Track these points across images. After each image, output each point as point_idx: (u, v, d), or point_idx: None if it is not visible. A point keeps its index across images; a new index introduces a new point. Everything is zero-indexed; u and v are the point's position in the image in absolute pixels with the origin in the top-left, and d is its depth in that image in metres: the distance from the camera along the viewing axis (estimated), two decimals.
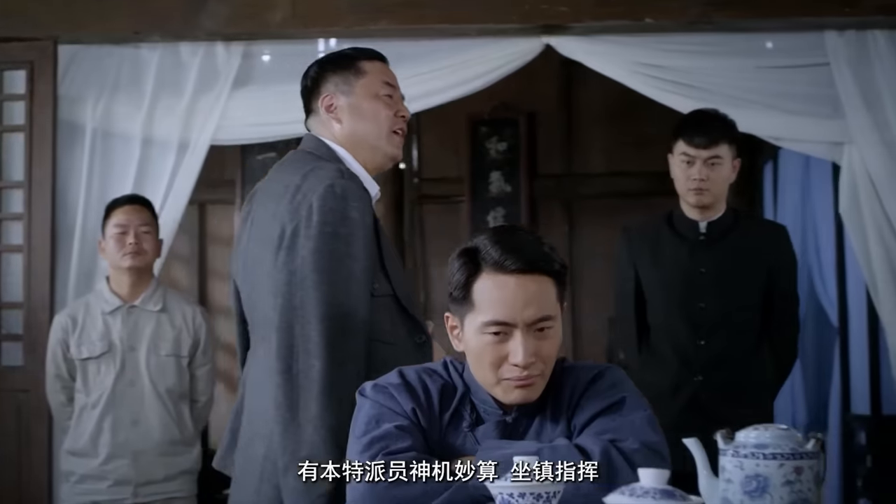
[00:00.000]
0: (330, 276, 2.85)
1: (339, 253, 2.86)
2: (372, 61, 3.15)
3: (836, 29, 5.04)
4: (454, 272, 2.47)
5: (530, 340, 2.40)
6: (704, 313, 4.17)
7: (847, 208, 5.07)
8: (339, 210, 2.87)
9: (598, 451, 2.33)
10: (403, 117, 3.12)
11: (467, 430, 2.52)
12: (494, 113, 7.86)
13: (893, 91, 4.99)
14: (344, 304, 2.85)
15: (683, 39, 5.11)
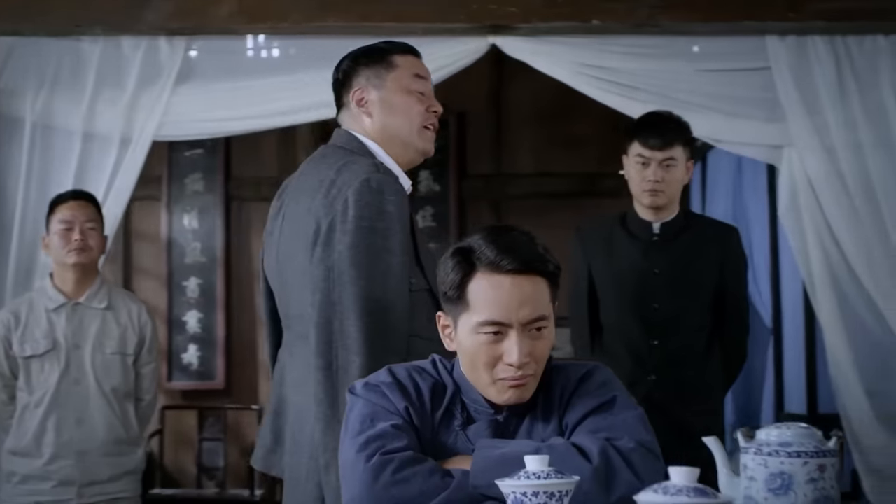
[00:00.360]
0: (367, 270, 2.82)
1: (377, 247, 2.82)
2: (404, 55, 3.12)
3: (777, 34, 5.12)
4: (448, 272, 2.47)
5: (525, 340, 2.41)
6: (658, 313, 4.21)
7: (786, 211, 5.15)
8: (375, 204, 2.83)
9: (596, 451, 2.35)
10: (435, 112, 3.10)
11: (459, 428, 2.52)
12: None
13: (832, 96, 5.08)
14: (382, 298, 2.82)
15: (629, 41, 5.15)
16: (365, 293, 2.81)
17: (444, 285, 2.48)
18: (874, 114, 5.10)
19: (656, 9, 5.03)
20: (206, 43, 5.20)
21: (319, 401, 2.86)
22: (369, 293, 2.81)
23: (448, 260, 2.49)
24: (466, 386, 2.52)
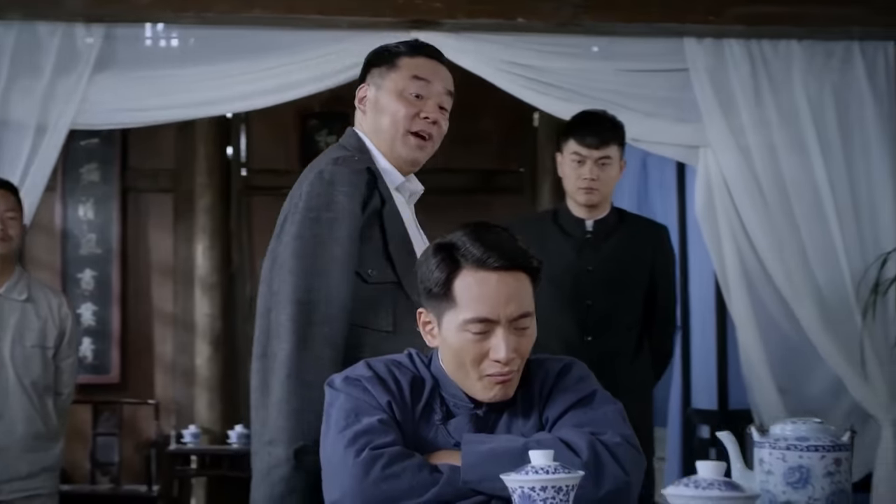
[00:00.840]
0: (308, 260, 2.79)
1: (321, 237, 2.80)
2: (413, 57, 3.03)
3: (695, 36, 5.21)
4: (432, 269, 2.46)
5: (511, 336, 2.41)
6: (591, 310, 4.25)
7: (702, 210, 5.25)
8: (325, 195, 2.81)
9: (584, 445, 2.36)
10: (426, 119, 2.99)
11: (439, 423, 2.51)
12: (325, 106, 7.81)
13: (748, 98, 5.20)
14: (320, 289, 2.78)
15: (552, 40, 5.19)
16: (301, 283, 2.78)
17: (427, 282, 2.46)
18: (787, 116, 5.23)
19: (580, 9, 5.08)
20: (126, 31, 5.09)
21: (254, 388, 2.84)
22: (306, 283, 2.78)
23: (430, 257, 2.47)
24: (445, 380, 2.51)
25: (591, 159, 4.24)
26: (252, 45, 5.08)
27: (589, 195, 4.27)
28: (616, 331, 4.25)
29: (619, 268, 4.29)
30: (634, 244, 4.33)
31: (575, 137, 4.27)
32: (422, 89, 2.98)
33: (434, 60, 3.04)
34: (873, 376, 5.09)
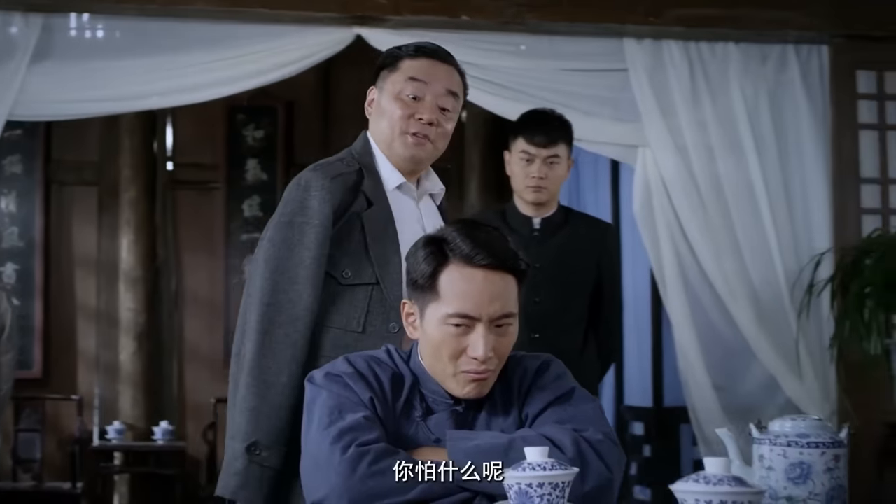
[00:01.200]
0: (278, 263, 2.87)
1: (292, 241, 2.87)
2: (415, 59, 3.03)
3: (634, 37, 5.26)
4: (420, 261, 2.46)
5: (490, 336, 2.41)
6: (539, 307, 4.26)
7: (640, 209, 5.30)
8: (298, 200, 2.90)
9: (568, 442, 2.37)
10: (420, 120, 2.98)
11: (420, 419, 2.50)
12: (253, 100, 7.75)
13: (686, 99, 5.27)
14: (287, 291, 2.86)
15: (495, 39, 5.22)
16: (269, 285, 2.87)
17: (414, 274, 2.47)
18: (724, 117, 5.32)
19: (524, 7, 5.11)
20: (64, 21, 5.01)
21: (229, 385, 2.93)
22: (274, 285, 2.86)
23: (420, 249, 2.48)
24: (425, 376, 2.51)
25: (539, 158, 4.26)
26: (194, 38, 5.04)
27: (537, 193, 4.29)
28: (563, 328, 4.27)
29: (567, 265, 4.31)
30: (581, 242, 4.36)
31: (524, 136, 4.28)
32: (418, 91, 2.98)
33: (436, 62, 3.03)
34: (807, 375, 5.19)
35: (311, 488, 2.37)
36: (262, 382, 2.82)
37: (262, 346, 2.84)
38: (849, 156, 5.37)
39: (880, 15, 5.34)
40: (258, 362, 2.83)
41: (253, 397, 2.82)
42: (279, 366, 2.83)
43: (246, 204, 7.81)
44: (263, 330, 2.85)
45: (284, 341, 2.85)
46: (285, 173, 7.90)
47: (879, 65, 5.45)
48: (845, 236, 5.28)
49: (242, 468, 2.81)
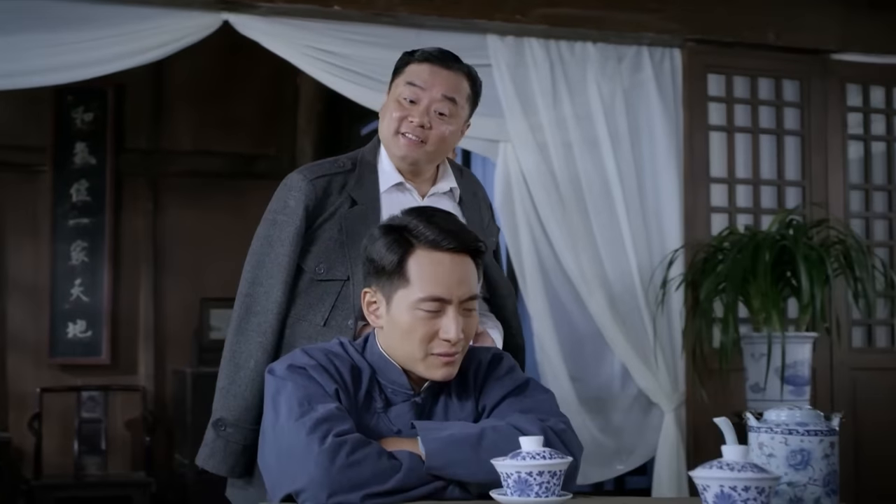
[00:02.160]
0: (259, 257, 3.11)
1: (272, 238, 3.10)
2: (419, 63, 3.17)
3: (498, 34, 5.35)
4: (383, 249, 2.49)
5: (459, 318, 2.46)
6: None
7: (501, 203, 5.39)
8: (281, 199, 3.12)
9: (537, 431, 2.44)
10: (412, 122, 3.11)
11: (381, 411, 2.53)
12: (83, 82, 7.51)
13: (546, 96, 5.38)
14: (263, 283, 3.09)
15: (364, 30, 5.21)
16: (249, 277, 3.11)
17: (378, 262, 2.49)
18: (582, 115, 5.45)
19: (395, 0, 5.12)
20: None
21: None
22: (253, 277, 3.11)
23: (381, 238, 2.51)
24: (383, 367, 2.54)
25: None
26: (61, 18, 4.89)
27: None
28: None
29: None
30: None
31: None
32: (415, 95, 3.12)
33: (439, 67, 3.16)
34: (658, 367, 5.37)
35: (283, 479, 2.36)
36: (233, 365, 3.07)
37: (237, 332, 3.09)
38: (699, 156, 5.58)
39: (730, 22, 5.57)
40: (233, 347, 3.08)
41: (224, 377, 3.08)
42: (249, 351, 3.06)
43: (74, 188, 7.60)
44: (240, 317, 3.09)
45: (256, 329, 3.07)
46: (114, 157, 7.71)
47: (729, 69, 5.68)
48: (695, 233, 5.49)
49: (211, 441, 3.08)
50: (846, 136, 5.83)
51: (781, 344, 4.89)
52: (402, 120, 3.11)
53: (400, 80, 3.17)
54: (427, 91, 3.12)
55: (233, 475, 3.12)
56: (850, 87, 5.88)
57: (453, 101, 3.14)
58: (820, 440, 2.07)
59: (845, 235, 5.25)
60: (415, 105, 3.11)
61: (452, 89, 3.15)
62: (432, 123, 3.10)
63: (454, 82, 3.16)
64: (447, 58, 3.18)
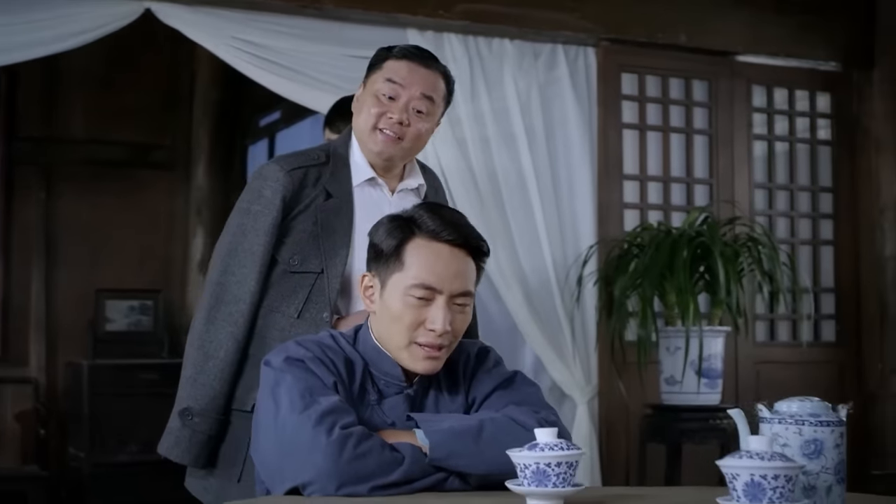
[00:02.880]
0: (232, 246, 3.11)
1: (245, 227, 3.10)
2: (398, 60, 3.14)
3: (418, 28, 5.38)
4: (385, 234, 2.52)
5: (449, 311, 2.49)
6: None
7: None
8: (256, 189, 3.11)
9: (533, 423, 2.48)
10: (391, 119, 3.10)
11: (375, 403, 2.54)
12: None
13: (465, 92, 5.43)
14: (235, 273, 3.09)
15: (287, 22, 5.20)
16: (221, 265, 3.11)
17: (378, 245, 2.52)
18: (499, 111, 5.52)
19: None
20: None
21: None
22: (225, 266, 3.10)
23: (385, 224, 2.54)
24: (376, 358, 2.55)
25: None
26: None
27: None
28: None
29: None
30: None
31: (330, 126, 4.33)
32: (394, 92, 3.11)
33: (417, 65, 3.15)
34: (572, 360, 5.46)
35: (286, 472, 2.35)
36: (202, 354, 3.06)
37: (207, 320, 3.08)
38: (613, 153, 5.69)
39: (644, 23, 5.69)
40: (202, 335, 3.08)
41: (192, 366, 3.07)
42: (219, 340, 3.06)
43: None
44: (210, 306, 3.09)
45: (227, 319, 3.07)
46: (6, 145, 7.53)
47: (641, 69, 5.81)
48: (608, 229, 5.60)
49: (176, 430, 3.08)
50: (751, 135, 6.01)
51: (699, 338, 5.02)
52: (381, 116, 3.11)
53: (378, 75, 3.15)
54: (406, 89, 3.12)
55: (196, 465, 3.12)
56: (755, 89, 6.06)
57: (431, 99, 3.15)
58: (832, 430, 2.15)
59: (757, 233, 5.40)
60: (393, 101, 3.11)
61: (430, 88, 3.15)
62: (410, 121, 3.12)
63: (432, 81, 3.16)
64: (425, 56, 3.18)
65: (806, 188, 6.21)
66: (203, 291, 3.14)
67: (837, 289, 6.20)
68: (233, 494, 3.00)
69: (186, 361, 3.10)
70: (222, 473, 3.10)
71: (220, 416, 3.06)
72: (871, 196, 6.19)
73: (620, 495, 2.41)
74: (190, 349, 3.10)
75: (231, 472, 3.08)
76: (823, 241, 6.23)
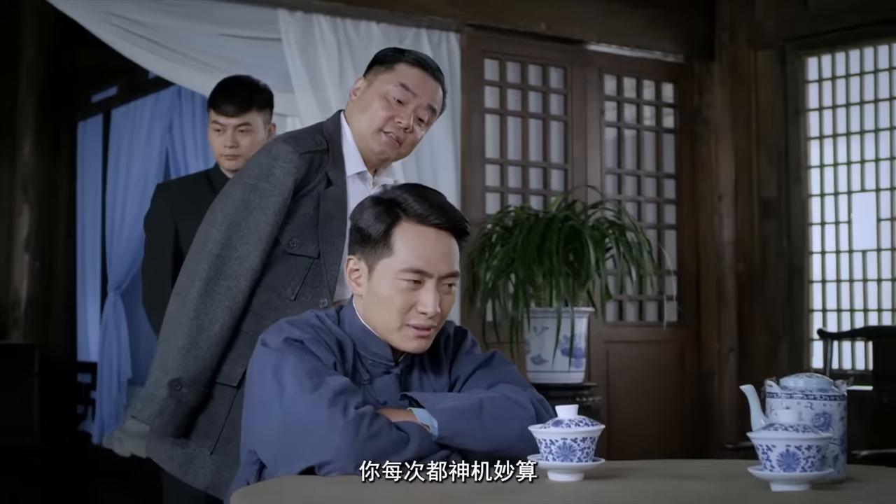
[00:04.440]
0: (235, 220, 3.08)
1: (251, 204, 3.08)
2: (411, 66, 3.15)
3: (287, 8, 5.38)
4: (371, 218, 2.54)
5: (438, 293, 2.54)
6: None
7: None
8: (266, 166, 3.09)
9: (526, 401, 2.57)
10: (398, 123, 3.12)
11: (367, 383, 2.58)
12: None
13: (333, 74, 5.46)
14: (237, 248, 3.08)
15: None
16: (223, 238, 3.08)
17: (365, 230, 2.54)
18: None
19: None
20: None
21: (165, 319, 3.17)
22: (227, 239, 3.08)
23: (370, 208, 2.56)
24: (364, 338, 2.57)
25: (230, 127, 4.27)
26: None
27: (232, 161, 4.29)
28: None
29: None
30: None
31: (214, 107, 4.29)
32: (404, 97, 3.13)
33: (428, 76, 3.17)
34: None
35: (302, 452, 2.35)
36: (197, 326, 3.04)
37: (204, 293, 3.05)
38: (476, 138, 5.81)
39: (507, 10, 5.83)
40: (198, 307, 3.05)
41: (185, 337, 3.04)
42: (215, 314, 3.05)
43: None
44: (208, 278, 3.06)
45: (226, 293, 3.06)
46: None
47: (502, 55, 5.94)
48: (471, 212, 5.71)
49: (162, 399, 3.04)
50: (603, 123, 6.22)
51: (571, 318, 5.18)
52: (390, 120, 3.13)
53: (389, 76, 3.15)
54: (416, 97, 3.15)
55: (176, 435, 3.10)
56: (606, 77, 6.27)
57: (433, 110, 3.20)
58: (838, 403, 2.31)
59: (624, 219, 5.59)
60: (402, 106, 3.13)
61: (435, 99, 3.20)
62: (413, 127, 3.17)
63: (437, 93, 3.21)
64: (434, 67, 3.22)
65: (652, 174, 6.47)
66: (194, 261, 3.11)
67: (680, 272, 6.48)
68: (206, 464, 3.08)
69: (177, 331, 3.07)
70: (195, 444, 3.11)
71: (206, 388, 3.06)
72: (710, 183, 6.50)
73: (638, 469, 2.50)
74: (184, 319, 3.06)
75: (205, 443, 3.09)
76: (668, 225, 6.50)
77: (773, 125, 6.35)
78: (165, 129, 7.06)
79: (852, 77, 6.22)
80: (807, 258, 6.33)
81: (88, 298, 8.16)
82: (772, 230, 6.36)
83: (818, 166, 6.33)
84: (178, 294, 3.13)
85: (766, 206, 6.39)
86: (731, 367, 6.36)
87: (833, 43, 6.22)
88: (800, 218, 6.32)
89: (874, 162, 6.12)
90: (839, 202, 6.26)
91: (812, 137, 6.35)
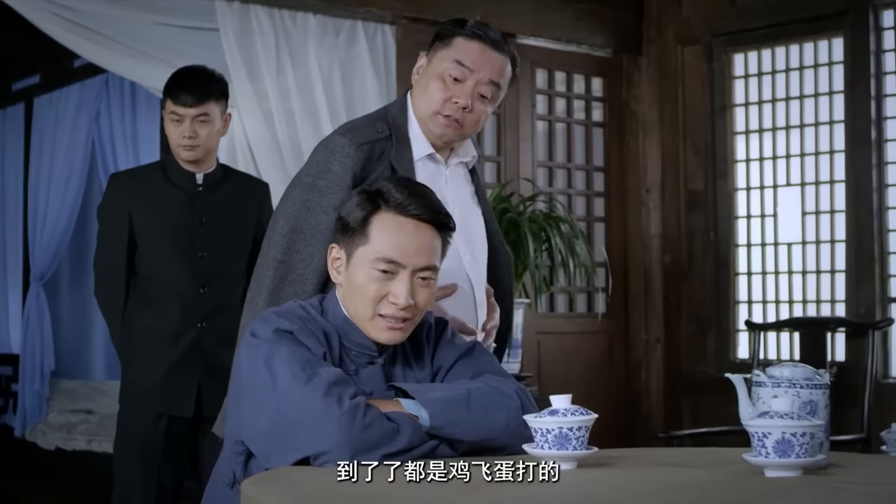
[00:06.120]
0: (296, 222, 2.98)
1: (311, 203, 2.98)
2: (469, 39, 3.01)
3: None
4: (353, 206, 2.58)
5: (412, 285, 2.56)
6: (205, 262, 4.30)
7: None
8: (323, 162, 2.99)
9: (511, 391, 2.61)
10: (456, 104, 3.00)
11: (353, 373, 2.59)
12: None
13: (271, 65, 5.47)
14: (301, 251, 2.98)
15: None
16: (286, 242, 2.98)
17: (346, 218, 2.58)
18: (304, 85, 5.57)
19: None
20: None
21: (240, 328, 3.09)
22: (290, 243, 2.98)
23: (354, 197, 2.60)
24: (348, 329, 2.59)
25: (188, 117, 4.26)
26: None
27: (190, 152, 4.29)
28: (228, 282, 4.33)
29: (229, 220, 4.36)
30: (242, 198, 4.43)
31: (170, 97, 4.28)
32: (461, 74, 3.01)
33: (488, 48, 3.04)
34: None
35: (297, 443, 2.37)
36: None
37: (270, 301, 2.94)
38: None
39: (441, 2, 5.84)
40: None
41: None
42: None
43: None
44: (273, 285, 2.97)
45: (292, 298, 2.87)
46: None
47: None
48: None
49: None
50: (535, 116, 6.28)
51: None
52: (447, 101, 3.01)
53: (446, 53, 3.04)
54: (475, 73, 3.02)
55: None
56: (538, 71, 6.33)
57: (497, 85, 3.05)
58: (823, 392, 2.39)
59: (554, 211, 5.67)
60: (459, 84, 3.02)
61: (498, 73, 3.05)
62: (473, 105, 3.03)
63: (501, 66, 3.06)
64: (496, 39, 3.06)
65: (581, 167, 6.55)
66: (261, 268, 3.02)
67: (608, 264, 6.57)
68: None
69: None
70: None
71: None
72: (638, 176, 6.61)
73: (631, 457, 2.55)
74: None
75: None
76: (597, 218, 6.59)
77: (700, 120, 6.47)
78: (92, 118, 6.96)
79: (778, 73, 6.36)
80: (733, 250, 6.46)
81: (10, 290, 8.03)
82: (698, 223, 6.49)
83: (744, 160, 6.47)
84: (249, 303, 3.06)
85: (692, 199, 6.51)
86: (659, 357, 6.47)
87: (759, 39, 6.36)
88: (726, 211, 6.45)
89: (799, 157, 6.27)
90: (765, 196, 6.41)
91: (738, 132, 6.50)
